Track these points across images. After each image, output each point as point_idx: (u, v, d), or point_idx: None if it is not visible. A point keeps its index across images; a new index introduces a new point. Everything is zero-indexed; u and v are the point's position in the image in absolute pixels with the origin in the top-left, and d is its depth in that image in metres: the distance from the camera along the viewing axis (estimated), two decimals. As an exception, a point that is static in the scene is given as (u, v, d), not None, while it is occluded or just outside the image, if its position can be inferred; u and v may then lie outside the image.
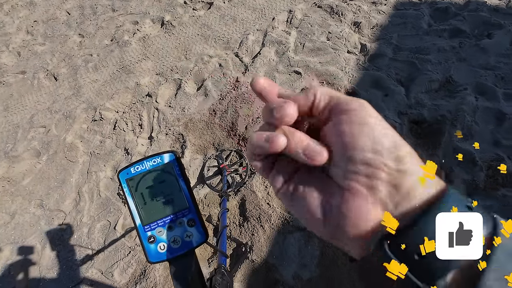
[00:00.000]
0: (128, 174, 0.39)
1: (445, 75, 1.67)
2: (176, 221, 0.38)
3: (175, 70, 2.17)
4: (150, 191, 0.39)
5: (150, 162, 0.39)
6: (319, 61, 1.92)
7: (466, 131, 1.45)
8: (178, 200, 0.39)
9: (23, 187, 1.81)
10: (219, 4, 2.54)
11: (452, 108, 1.53)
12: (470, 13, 1.90)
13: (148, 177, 0.39)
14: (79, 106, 2.13)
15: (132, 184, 0.39)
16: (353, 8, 2.16)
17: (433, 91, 1.64)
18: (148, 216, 0.38)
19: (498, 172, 1.30)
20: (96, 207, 1.64)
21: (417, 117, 1.56)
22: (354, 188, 0.20)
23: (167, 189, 0.39)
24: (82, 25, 2.82)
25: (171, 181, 0.39)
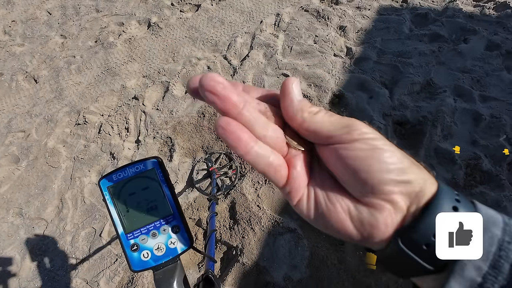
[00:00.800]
0: (109, 182, 0.38)
1: (426, 78, 1.75)
2: (160, 228, 0.38)
3: (163, 72, 2.13)
4: (133, 198, 0.38)
5: (133, 169, 0.38)
6: (306, 64, 1.95)
7: (445, 131, 1.52)
8: (162, 207, 0.38)
9: (0, 195, 1.72)
10: (207, 6, 2.53)
11: (433, 109, 1.60)
12: (447, 19, 2.00)
13: (131, 184, 0.38)
14: (61, 110, 2.06)
15: (114, 191, 0.38)
16: (339, 12, 2.22)
17: (415, 93, 1.71)
18: (131, 223, 0.38)
19: (476, 170, 1.37)
20: (80, 214, 1.59)
21: (401, 118, 1.62)
22: (378, 204, 0.23)
23: (150, 195, 0.38)
24: (64, 25, 2.73)
25: (155, 187, 0.38)
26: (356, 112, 1.67)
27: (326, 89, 1.79)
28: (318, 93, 1.79)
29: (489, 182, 1.34)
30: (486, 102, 1.61)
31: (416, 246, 0.21)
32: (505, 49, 1.77)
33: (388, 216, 0.22)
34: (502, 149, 1.41)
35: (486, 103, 1.60)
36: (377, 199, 0.22)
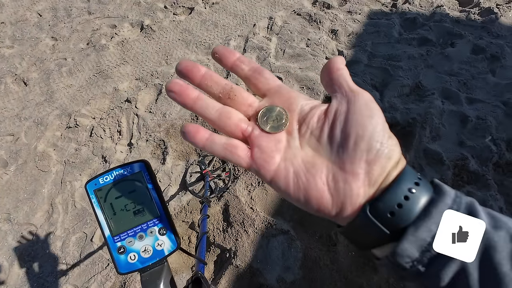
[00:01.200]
0: (96, 185, 0.38)
1: (415, 81, 1.79)
2: (147, 230, 0.38)
3: (156, 75, 2.13)
4: (120, 201, 0.38)
5: (119, 172, 0.39)
6: (299, 67, 1.98)
7: (434, 133, 1.56)
8: (149, 209, 0.39)
9: (-12, 201, 1.68)
10: (200, 9, 2.54)
11: (422, 111, 1.64)
12: (435, 24, 2.06)
13: (118, 187, 0.38)
14: (52, 113, 2.02)
15: (101, 195, 0.38)
16: (330, 16, 2.25)
17: (404, 96, 1.75)
18: (117, 226, 0.38)
19: (463, 170, 1.40)
20: (71, 218, 1.56)
21: (391, 120, 1.65)
22: (356, 172, 0.24)
23: (137, 198, 0.38)
24: (55, 27, 2.69)
25: (142, 190, 0.39)
26: (347, 114, 1.69)
27: (319, 91, 1.82)
28: (311, 95, 1.81)
29: (476, 182, 1.38)
30: (472, 104, 1.65)
31: (382, 214, 0.23)
32: (490, 53, 1.83)
33: (361, 186, 0.24)
34: (488, 149, 1.45)
35: (473, 105, 1.65)
36: (357, 167, 0.24)
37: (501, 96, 1.66)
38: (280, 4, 2.45)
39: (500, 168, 1.42)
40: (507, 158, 1.42)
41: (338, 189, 0.24)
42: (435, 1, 2.20)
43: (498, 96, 1.67)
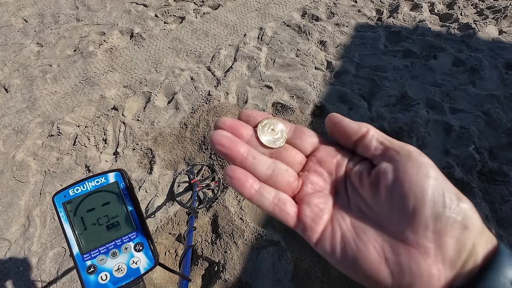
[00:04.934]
0: (65, 197, 0.35)
1: (400, 91, 1.84)
2: (121, 246, 0.35)
3: (144, 82, 2.10)
4: (92, 214, 0.35)
5: (93, 183, 0.36)
6: (289, 76, 2.00)
7: (420, 141, 1.59)
8: (124, 223, 0.36)
9: (-42, 214, 1.56)
10: (191, 19, 2.56)
11: (408, 120, 1.68)
12: (418, 37, 2.15)
13: (90, 199, 0.35)
14: (33, 120, 1.94)
15: (71, 208, 0.35)
16: (319, 28, 2.32)
17: (391, 105, 1.79)
18: (88, 243, 0.35)
19: (449, 178, 1.43)
20: (49, 232, 1.47)
21: (379, 129, 1.68)
22: (423, 245, 0.19)
23: (111, 211, 0.35)
24: (41, 34, 2.63)
25: (117, 202, 0.36)
26: (337, 123, 1.71)
27: (308, 100, 1.84)
28: (301, 105, 1.83)
29: (462, 190, 1.40)
30: (455, 114, 1.71)
31: None
32: (470, 65, 1.91)
33: (434, 264, 0.19)
34: (471, 158, 1.49)
35: (456, 114, 1.71)
36: (422, 238, 0.19)
37: (482, 106, 1.73)
38: (270, 16, 2.50)
39: (484, 176, 1.46)
40: (490, 166, 1.46)
41: (401, 265, 0.20)
42: (417, 16, 2.31)
43: (479, 106, 1.74)
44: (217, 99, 1.90)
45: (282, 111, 1.81)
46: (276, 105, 1.84)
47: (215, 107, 1.85)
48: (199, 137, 1.73)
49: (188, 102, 1.93)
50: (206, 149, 1.66)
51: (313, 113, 1.79)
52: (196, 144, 1.70)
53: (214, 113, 1.82)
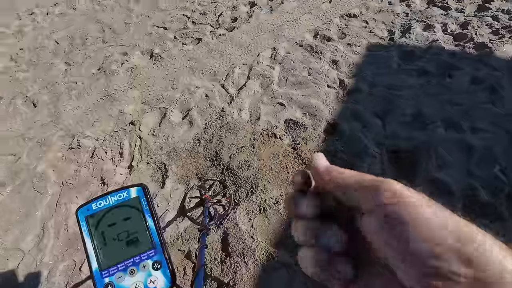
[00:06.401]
0: (88, 211, 0.35)
1: (416, 109, 1.81)
2: (140, 264, 0.35)
3: (161, 99, 2.18)
4: (113, 229, 0.35)
5: (115, 197, 0.36)
6: (301, 94, 2.02)
7: (440, 161, 1.52)
8: (144, 240, 0.35)
9: (-22, 223, 1.62)
10: (208, 40, 2.70)
11: (425, 139, 1.62)
12: (432, 56, 2.14)
13: (112, 214, 0.35)
14: (56, 134, 2.04)
15: (93, 222, 0.35)
16: (331, 48, 2.37)
17: (407, 124, 1.75)
18: (107, 259, 0.34)
19: (475, 202, 1.34)
20: (61, 244, 1.48)
21: (395, 148, 1.64)
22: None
23: (132, 227, 0.35)
24: (70, 54, 2.85)
25: (137, 218, 0.36)
26: (350, 141, 1.68)
27: (321, 118, 1.83)
28: (313, 122, 1.83)
29: (489, 215, 1.31)
30: (476, 134, 1.64)
31: None
32: (489, 83, 1.86)
33: None
34: (498, 180, 1.41)
35: (477, 134, 1.64)
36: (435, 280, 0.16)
37: (504, 125, 1.66)
38: (283, 37, 2.59)
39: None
40: (519, 190, 1.36)
41: None
42: (430, 36, 2.32)
43: (501, 126, 1.66)
44: (230, 116, 1.94)
45: (294, 128, 1.81)
46: (288, 122, 1.85)
47: (228, 123, 1.88)
48: (211, 153, 1.74)
49: (202, 118, 1.97)
50: (218, 165, 1.66)
51: (326, 131, 1.78)
52: (208, 159, 1.71)
53: (227, 129, 1.84)
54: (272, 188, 1.53)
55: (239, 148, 1.72)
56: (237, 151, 1.71)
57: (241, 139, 1.77)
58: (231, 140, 1.78)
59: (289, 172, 1.59)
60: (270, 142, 1.74)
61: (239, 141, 1.76)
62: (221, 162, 1.67)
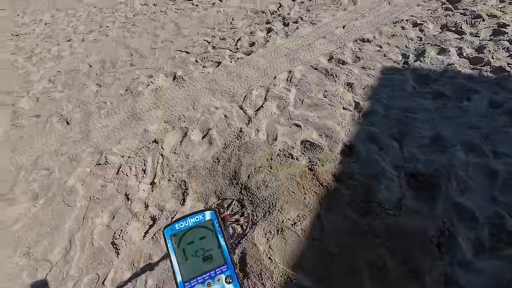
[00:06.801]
0: (172, 230, 0.42)
1: (434, 132, 1.81)
2: (215, 277, 0.40)
3: (183, 119, 2.31)
4: (191, 247, 0.41)
5: (193, 219, 0.43)
6: (317, 116, 2.08)
7: (461, 186, 1.50)
8: (217, 257, 0.41)
9: (13, 233, 1.73)
10: (227, 63, 2.87)
11: (445, 163, 1.61)
12: (448, 79, 2.16)
13: (190, 234, 0.42)
14: (86, 150, 2.20)
15: (176, 240, 0.42)
16: (346, 71, 2.45)
17: (424, 147, 1.75)
18: (188, 272, 0.40)
19: (502, 230, 1.30)
20: (87, 257, 1.55)
21: (413, 171, 1.63)
22: None
23: (207, 245, 0.42)
24: (101, 76, 3.10)
25: (211, 237, 0.42)
26: (367, 163, 1.70)
27: (337, 139, 1.87)
28: (329, 143, 1.86)
29: (518, 244, 1.25)
30: (499, 158, 1.61)
31: None
32: (508, 107, 1.85)
33: None
34: (525, 207, 1.35)
35: (500, 159, 1.61)
36: None
37: (529, 150, 1.62)
38: (298, 60, 2.72)
39: (544, 230, 1.29)
40: (550, 219, 1.30)
41: None
42: (445, 59, 2.35)
43: (525, 151, 1.62)
44: (248, 136, 2.01)
45: (311, 149, 1.85)
46: (305, 143, 1.90)
47: (246, 143, 1.96)
48: (230, 172, 1.80)
49: (221, 138, 2.06)
50: (237, 184, 1.72)
51: (343, 152, 1.81)
52: (227, 179, 1.77)
53: (245, 149, 1.91)
54: (289, 209, 1.55)
55: (257, 168, 1.77)
56: (255, 171, 1.76)
57: (259, 159, 1.83)
58: (249, 160, 1.84)
59: (306, 193, 1.61)
60: (287, 163, 1.79)
61: (256, 161, 1.82)
62: (239, 181, 1.73)
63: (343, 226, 1.43)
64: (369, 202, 1.50)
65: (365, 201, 1.52)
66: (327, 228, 1.44)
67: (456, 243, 1.28)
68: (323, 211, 1.51)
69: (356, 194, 1.55)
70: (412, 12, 3.08)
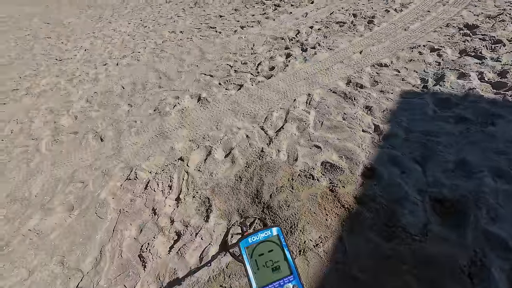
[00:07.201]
0: (246, 243, 0.49)
1: (458, 157, 1.79)
2: (283, 286, 0.46)
3: (207, 138, 2.45)
4: (262, 258, 0.48)
5: (263, 234, 0.50)
6: (337, 138, 2.13)
7: (492, 214, 1.45)
8: (284, 268, 0.47)
9: (50, 241, 1.86)
10: (248, 86, 3.04)
11: (472, 188, 1.58)
12: (471, 104, 2.16)
13: (261, 247, 0.49)
14: (117, 165, 2.36)
15: (249, 252, 0.49)
16: (364, 94, 2.51)
17: (449, 171, 1.73)
18: (260, 280, 0.47)
19: (538, 262, 1.23)
20: (115, 269, 1.63)
21: (438, 196, 1.60)
22: None
23: (275, 257, 0.48)
24: (132, 97, 3.38)
25: (278, 250, 0.48)
26: (389, 186, 1.70)
27: (358, 161, 1.90)
28: (350, 165, 1.89)
29: (559, 279, 1.18)
30: (531, 185, 1.56)
31: None
32: (538, 133, 1.80)
33: None
34: None
35: (531, 186, 1.55)
36: None
37: None
38: (317, 84, 2.83)
39: None
40: None
41: None
42: (466, 84, 2.36)
43: (560, 179, 1.56)
44: (269, 156, 2.09)
45: (331, 170, 1.89)
46: (325, 164, 1.94)
47: (268, 163, 2.03)
48: (252, 190, 1.87)
49: (243, 157, 2.15)
50: (259, 203, 1.77)
51: (364, 175, 1.82)
52: (249, 197, 1.83)
53: (266, 168, 1.98)
54: (311, 230, 1.56)
55: (279, 188, 1.82)
56: (277, 190, 1.81)
57: (280, 179, 1.89)
58: (270, 180, 1.90)
59: (328, 215, 1.63)
60: (308, 183, 1.83)
61: (278, 181, 1.88)
62: (261, 200, 1.78)
63: (366, 249, 1.42)
64: (393, 227, 1.49)
65: (389, 225, 1.51)
66: (350, 251, 1.43)
67: (490, 274, 1.23)
68: (346, 233, 1.52)
69: (379, 217, 1.55)
70: (429, 38, 3.16)
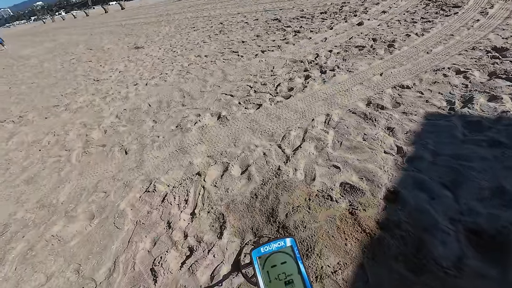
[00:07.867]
0: (258, 253, 0.46)
1: (495, 184, 1.63)
2: None
3: (224, 154, 2.48)
4: (274, 270, 0.44)
5: (276, 244, 0.47)
6: (357, 158, 2.06)
7: (540, 250, 1.27)
8: (297, 281, 0.43)
9: (69, 248, 1.92)
10: (267, 105, 3.11)
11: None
12: (505, 127, 2.01)
13: (273, 257, 0.45)
14: (138, 178, 2.45)
15: (261, 262, 0.45)
16: (385, 116, 2.45)
17: (486, 199, 1.57)
18: None
19: None
20: (127, 281, 1.61)
21: (474, 226, 1.45)
22: None
23: (288, 269, 0.44)
24: (157, 114, 3.59)
25: (292, 262, 0.45)
26: (416, 212, 1.57)
27: (379, 184, 1.80)
28: (371, 187, 1.80)
29: None
30: None
31: None
32: None
33: None
34: None
35: None
36: None
37: None
38: (336, 104, 2.82)
39: None
40: None
41: None
42: (498, 107, 2.23)
43: None
44: (286, 174, 2.06)
45: (351, 192, 1.80)
46: (344, 185, 1.86)
47: (284, 182, 1.99)
48: (267, 209, 1.82)
49: (260, 174, 2.14)
50: (274, 222, 1.71)
51: (386, 198, 1.71)
52: (264, 216, 1.78)
53: (283, 187, 1.94)
54: (329, 255, 1.46)
55: (295, 208, 1.76)
56: (293, 210, 1.75)
57: (297, 199, 1.83)
58: (287, 198, 1.85)
59: (347, 239, 1.53)
60: (326, 204, 1.75)
61: (294, 200, 1.82)
62: (277, 219, 1.72)
63: (390, 281, 1.29)
64: (423, 258, 1.35)
65: (417, 256, 1.37)
66: (373, 282, 1.31)
67: (544, 323, 1.05)
68: (367, 261, 1.40)
69: (405, 246, 1.42)
70: (454, 61, 3.08)
